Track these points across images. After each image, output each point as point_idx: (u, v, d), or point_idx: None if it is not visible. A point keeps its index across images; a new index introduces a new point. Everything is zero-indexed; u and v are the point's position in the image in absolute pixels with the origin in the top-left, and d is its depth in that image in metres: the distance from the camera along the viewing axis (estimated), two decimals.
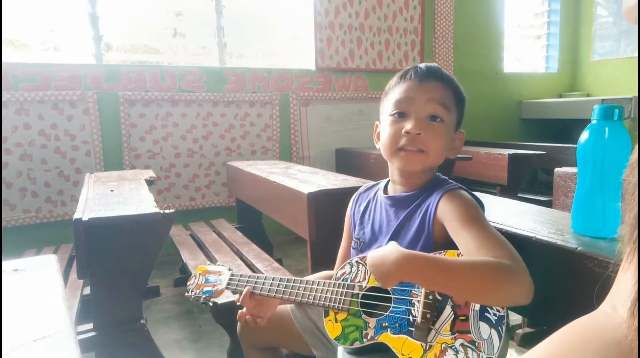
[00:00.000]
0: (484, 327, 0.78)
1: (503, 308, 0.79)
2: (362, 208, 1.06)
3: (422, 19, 3.80)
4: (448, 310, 0.82)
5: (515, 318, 1.84)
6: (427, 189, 0.95)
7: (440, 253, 0.86)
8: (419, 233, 0.90)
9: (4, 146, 2.70)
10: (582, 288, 0.78)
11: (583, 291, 0.77)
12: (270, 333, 1.14)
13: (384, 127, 0.97)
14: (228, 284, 1.10)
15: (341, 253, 1.13)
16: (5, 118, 2.69)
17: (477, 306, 0.80)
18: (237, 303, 1.07)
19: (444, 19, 3.93)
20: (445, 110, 0.93)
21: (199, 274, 1.18)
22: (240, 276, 1.10)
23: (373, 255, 0.81)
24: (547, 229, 0.93)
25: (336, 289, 0.95)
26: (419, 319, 0.83)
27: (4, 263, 0.78)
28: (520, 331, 1.85)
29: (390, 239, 0.95)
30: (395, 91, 0.97)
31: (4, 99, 2.66)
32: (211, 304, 1.18)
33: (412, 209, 0.94)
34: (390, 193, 1.01)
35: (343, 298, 0.94)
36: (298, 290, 1.00)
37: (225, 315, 1.53)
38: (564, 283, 0.81)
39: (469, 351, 0.78)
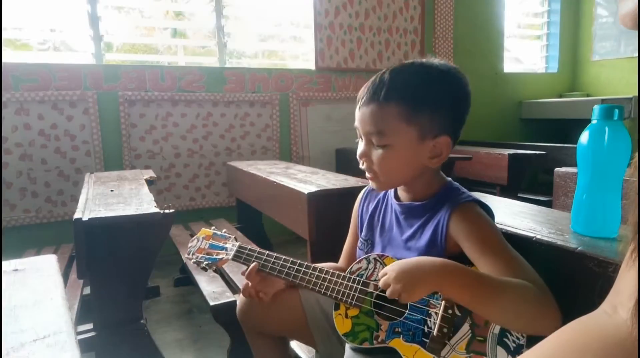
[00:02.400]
0: (501, 352, 0.77)
1: (523, 337, 0.77)
2: (370, 208, 1.04)
3: (422, 19, 3.80)
4: (466, 327, 0.80)
5: None
6: (439, 200, 0.90)
7: None
8: (430, 247, 0.88)
9: (4, 146, 2.70)
10: (582, 288, 0.78)
11: (583, 291, 0.77)
12: (275, 319, 1.08)
13: None
14: (235, 256, 1.04)
15: (347, 249, 1.11)
16: (5, 118, 2.69)
17: (497, 330, 0.78)
18: (242, 275, 1.02)
19: (444, 19, 3.93)
20: (382, 137, 0.87)
21: (202, 238, 1.11)
22: (249, 249, 1.04)
23: (405, 262, 0.79)
24: (547, 229, 0.93)
25: (350, 283, 0.91)
26: (435, 332, 0.80)
27: (4, 263, 0.78)
28: None
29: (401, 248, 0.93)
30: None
31: (4, 99, 2.66)
32: (213, 270, 1.13)
33: (424, 221, 0.90)
34: (402, 198, 0.98)
35: (357, 294, 0.90)
36: (310, 276, 0.95)
37: (226, 315, 1.53)
38: (564, 283, 0.81)
39: None
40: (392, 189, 1.01)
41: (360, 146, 0.92)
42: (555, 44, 4.55)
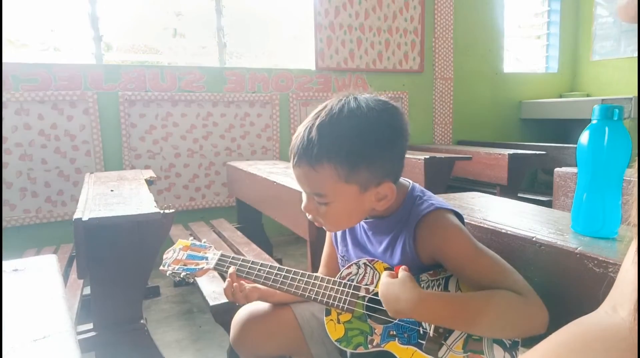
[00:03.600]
0: (497, 350, 0.77)
1: None
2: None
3: (422, 19, 3.80)
4: None
5: None
6: (402, 213, 0.88)
7: (438, 275, 0.84)
8: (404, 262, 0.86)
9: (4, 146, 2.70)
10: (582, 288, 0.78)
11: (583, 291, 0.77)
12: (271, 341, 1.04)
13: None
14: (217, 264, 1.00)
15: (324, 258, 1.09)
16: (5, 118, 2.69)
17: None
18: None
19: (444, 19, 3.93)
20: (322, 197, 0.84)
21: (179, 248, 1.07)
22: (232, 258, 1.00)
23: (387, 289, 0.79)
24: (547, 229, 0.93)
25: (341, 288, 0.90)
26: (430, 332, 0.80)
27: (4, 263, 0.78)
28: None
29: None
30: None
31: (4, 99, 2.66)
32: (192, 282, 1.09)
33: (392, 238, 0.89)
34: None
35: (348, 298, 0.88)
36: (298, 282, 0.93)
37: (226, 315, 1.53)
38: (563, 283, 0.81)
39: None
40: None
41: (304, 200, 0.90)
42: (555, 44, 4.55)
